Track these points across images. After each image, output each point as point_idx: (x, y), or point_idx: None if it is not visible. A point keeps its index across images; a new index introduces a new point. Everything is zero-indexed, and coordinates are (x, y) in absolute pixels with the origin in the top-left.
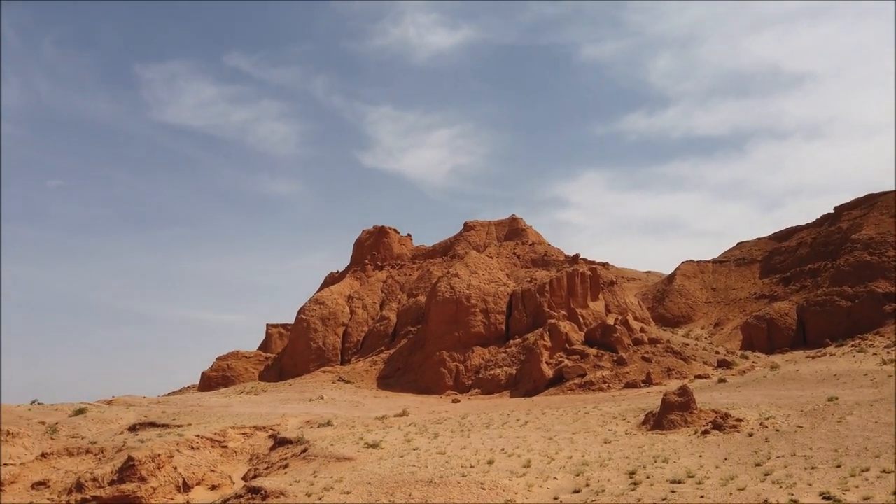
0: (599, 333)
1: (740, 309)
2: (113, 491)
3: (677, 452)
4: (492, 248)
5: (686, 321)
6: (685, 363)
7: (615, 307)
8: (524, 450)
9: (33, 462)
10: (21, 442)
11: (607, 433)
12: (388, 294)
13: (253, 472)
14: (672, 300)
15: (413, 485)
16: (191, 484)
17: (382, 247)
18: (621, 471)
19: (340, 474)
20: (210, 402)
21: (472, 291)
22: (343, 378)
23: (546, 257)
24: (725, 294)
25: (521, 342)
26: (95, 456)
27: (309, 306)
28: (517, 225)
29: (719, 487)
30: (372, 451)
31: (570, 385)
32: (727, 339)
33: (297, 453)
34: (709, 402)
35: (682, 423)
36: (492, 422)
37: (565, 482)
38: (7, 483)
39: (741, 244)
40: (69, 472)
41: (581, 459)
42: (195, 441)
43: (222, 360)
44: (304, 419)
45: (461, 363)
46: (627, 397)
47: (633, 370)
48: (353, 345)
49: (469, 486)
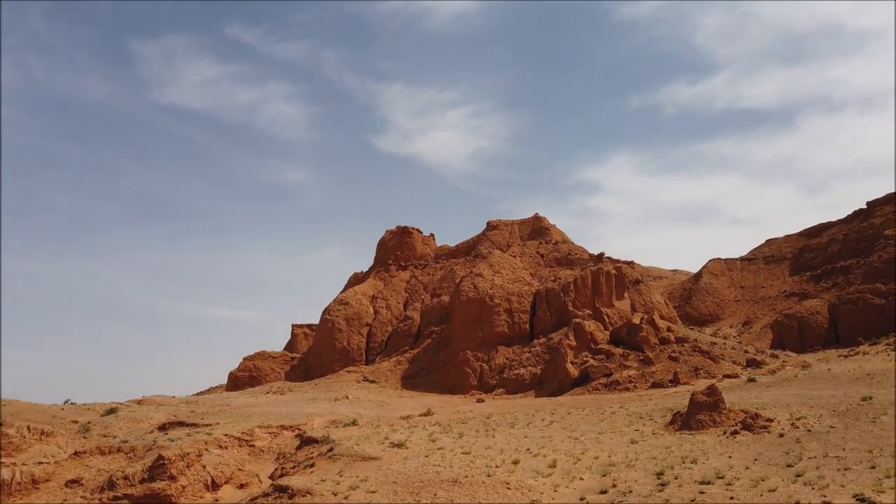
0: (625, 332)
1: (770, 307)
2: (144, 489)
3: (706, 453)
4: (515, 248)
5: (714, 320)
6: (713, 362)
7: (641, 306)
8: (550, 450)
9: (67, 460)
10: (55, 441)
11: (634, 433)
12: (411, 294)
13: (280, 471)
14: (699, 298)
15: (438, 484)
16: (219, 482)
17: (405, 247)
18: (649, 471)
19: (366, 474)
20: (237, 401)
21: (496, 291)
22: (368, 378)
23: (570, 256)
24: (754, 292)
25: (546, 342)
26: (127, 455)
27: (333, 306)
28: (541, 224)
29: (749, 489)
30: (397, 451)
31: (595, 385)
32: (756, 337)
33: (323, 452)
34: (738, 401)
35: (711, 424)
36: (517, 421)
37: (592, 483)
38: (42, 481)
39: (770, 241)
40: (101, 471)
41: (607, 460)
42: (223, 440)
43: (249, 361)
44: (330, 419)
45: (485, 363)
46: (654, 397)
47: (660, 370)
48: (378, 345)
49: (494, 485)
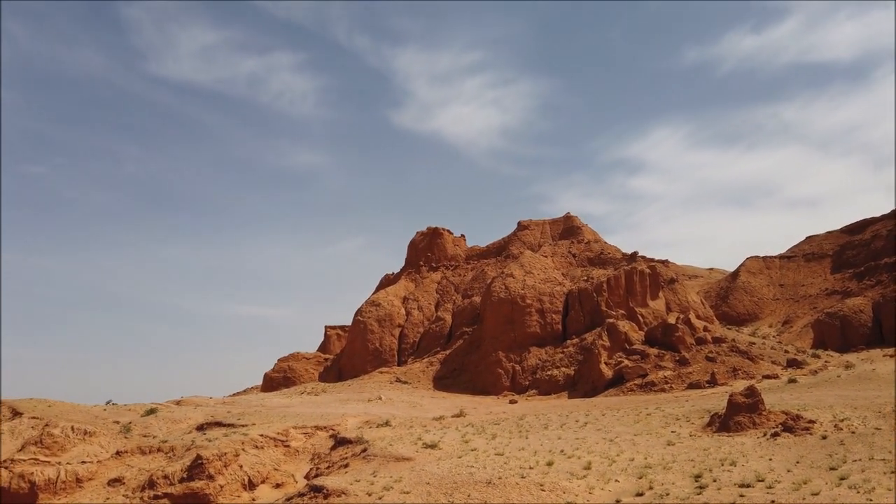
0: (660, 333)
1: (810, 306)
2: (183, 488)
3: (745, 455)
4: (546, 248)
5: (752, 319)
6: (752, 363)
7: (676, 306)
8: (584, 451)
9: (109, 460)
10: (97, 441)
11: (670, 435)
12: (442, 295)
13: (315, 471)
14: (736, 297)
15: (472, 485)
16: (256, 482)
17: (436, 248)
18: (686, 474)
19: (400, 474)
20: (272, 402)
21: (528, 291)
22: (400, 379)
23: (603, 255)
24: (794, 290)
25: (579, 342)
26: (166, 454)
27: (365, 308)
28: (572, 223)
29: (791, 492)
30: (430, 452)
31: (630, 386)
32: (797, 337)
33: (357, 453)
34: (778, 403)
35: (750, 425)
36: (550, 423)
37: (627, 485)
38: (85, 479)
39: (810, 238)
40: (142, 470)
41: (643, 462)
42: (259, 440)
43: (283, 362)
44: (363, 419)
45: (517, 364)
46: (691, 398)
47: (697, 370)
48: (410, 346)
49: (528, 487)
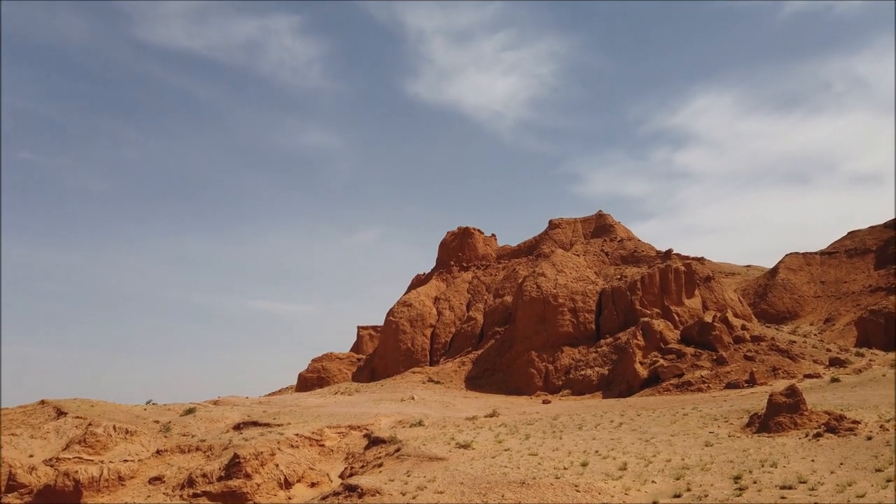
0: (696, 331)
1: (853, 303)
2: (221, 486)
3: (787, 456)
4: (578, 246)
5: (792, 317)
6: (792, 362)
7: (713, 304)
8: (619, 452)
9: (150, 458)
10: (139, 440)
11: (708, 435)
12: (474, 295)
13: (349, 471)
14: (776, 295)
15: (506, 486)
16: (292, 481)
17: (467, 248)
18: (725, 475)
19: (433, 474)
20: (307, 402)
21: (560, 290)
22: (432, 379)
23: (636, 253)
24: (836, 287)
25: (613, 342)
26: (204, 453)
27: (397, 308)
28: (604, 221)
29: (835, 494)
30: (463, 452)
31: (666, 385)
32: (839, 335)
33: (391, 452)
34: (820, 402)
35: (791, 426)
36: (584, 423)
37: (664, 486)
38: (127, 478)
39: (853, 233)
40: (181, 469)
41: (681, 463)
42: (295, 440)
43: (317, 362)
44: (397, 419)
45: (550, 363)
46: (729, 398)
47: (735, 370)
48: (442, 346)
49: (563, 487)
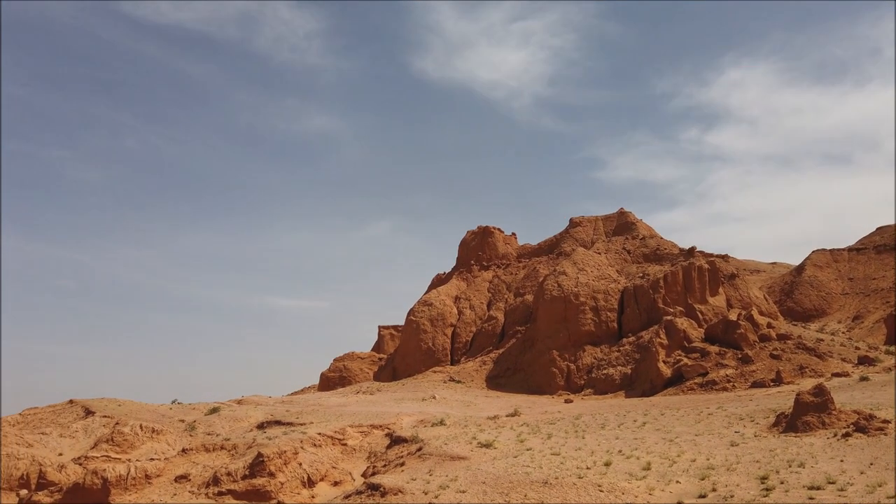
0: (721, 330)
1: (883, 300)
2: (245, 485)
3: (815, 457)
4: (600, 244)
5: (819, 315)
6: (820, 360)
7: (737, 302)
8: (643, 451)
9: (175, 457)
10: (165, 438)
11: (734, 435)
12: (494, 294)
13: (372, 470)
14: (802, 292)
15: (528, 485)
16: (315, 479)
17: (487, 247)
18: (751, 475)
19: (455, 473)
20: (329, 401)
21: (581, 289)
22: (454, 378)
23: (659, 251)
24: (865, 284)
25: (636, 340)
26: (229, 452)
27: (417, 307)
28: (626, 219)
29: (865, 495)
30: (485, 451)
31: (690, 385)
32: (869, 333)
33: (413, 452)
34: (849, 401)
35: (819, 425)
36: (607, 422)
37: (689, 486)
38: (154, 476)
39: (881, 229)
40: (206, 467)
41: (706, 463)
42: (317, 439)
43: (339, 361)
44: (418, 418)
45: (572, 362)
46: (755, 397)
47: (761, 368)
48: (462, 345)
49: (586, 487)
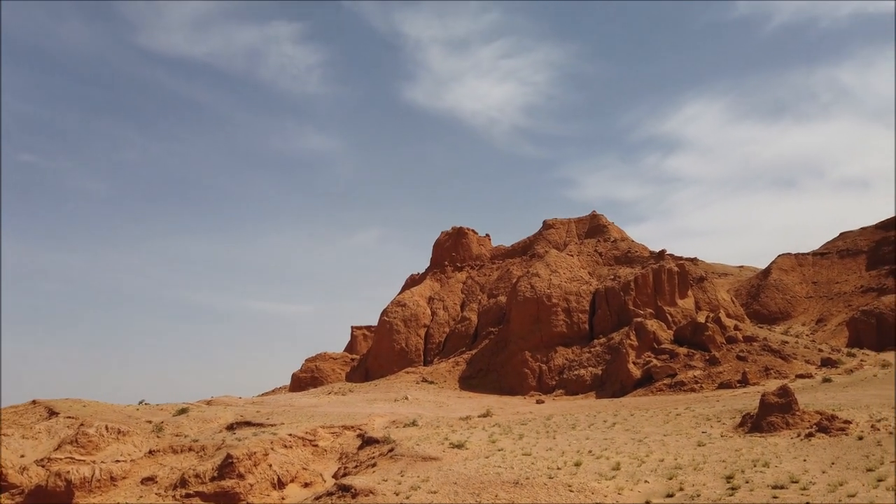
0: (689, 332)
1: (845, 304)
2: (214, 487)
3: (779, 456)
4: (572, 247)
5: (784, 318)
6: (785, 362)
7: (706, 304)
8: (613, 452)
9: (142, 459)
10: (131, 440)
11: (701, 435)
12: (468, 295)
13: (343, 471)
14: (768, 295)
15: (499, 486)
16: (285, 481)
17: (461, 248)
18: (717, 475)
19: (427, 474)
20: (300, 402)
21: (554, 291)
22: (426, 379)
23: (630, 254)
24: (828, 288)
25: (606, 342)
26: (197, 453)
27: (391, 308)
28: (598, 222)
29: (826, 494)
30: (457, 452)
31: (659, 385)
32: (831, 335)
33: (385, 452)
34: (812, 402)
35: (784, 426)
36: (578, 423)
37: (657, 486)
38: (119, 478)
39: (844, 234)
40: (174, 469)
41: (673, 462)
42: (288, 440)
43: (311, 362)
44: (390, 419)
45: (544, 363)
46: (722, 398)
47: (728, 370)
48: (436, 346)
49: (556, 487)
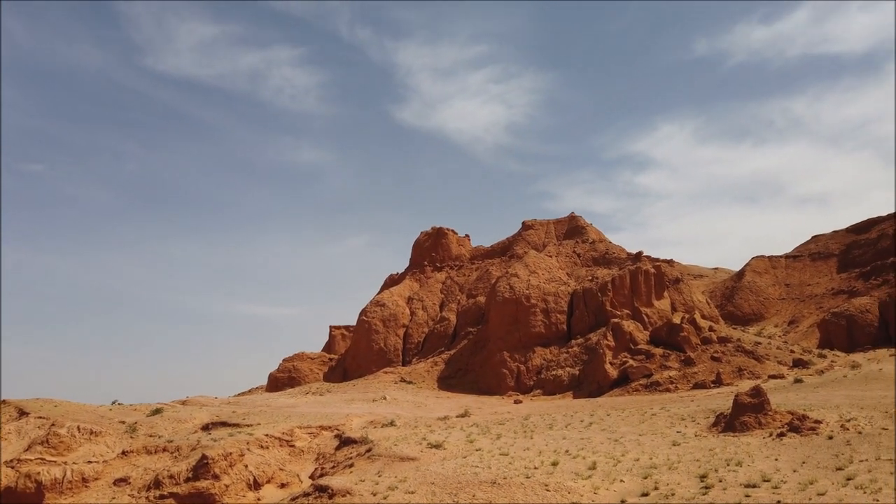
0: (665, 332)
1: (817, 305)
2: (188, 488)
3: (751, 455)
4: (551, 247)
5: (757, 319)
6: (758, 363)
7: (681, 305)
8: (589, 451)
9: (115, 460)
10: (104, 440)
11: (676, 435)
12: (447, 295)
13: (320, 471)
14: (742, 297)
15: (477, 485)
16: (261, 482)
17: (441, 248)
18: (692, 474)
19: (404, 474)
20: (278, 402)
21: (532, 291)
22: (405, 379)
23: (608, 255)
24: (800, 290)
25: (584, 342)
26: (172, 454)
27: (370, 308)
28: (577, 223)
29: (797, 492)
30: (435, 452)
31: (635, 386)
32: (803, 337)
33: (362, 453)
34: (784, 403)
35: (756, 425)
36: (555, 423)
37: (633, 485)
38: (91, 479)
39: (816, 237)
40: (148, 470)
41: (649, 462)
42: (264, 440)
43: (288, 362)
44: (368, 419)
45: (522, 364)
46: (696, 398)
47: (702, 370)
48: (414, 346)
49: (533, 487)
